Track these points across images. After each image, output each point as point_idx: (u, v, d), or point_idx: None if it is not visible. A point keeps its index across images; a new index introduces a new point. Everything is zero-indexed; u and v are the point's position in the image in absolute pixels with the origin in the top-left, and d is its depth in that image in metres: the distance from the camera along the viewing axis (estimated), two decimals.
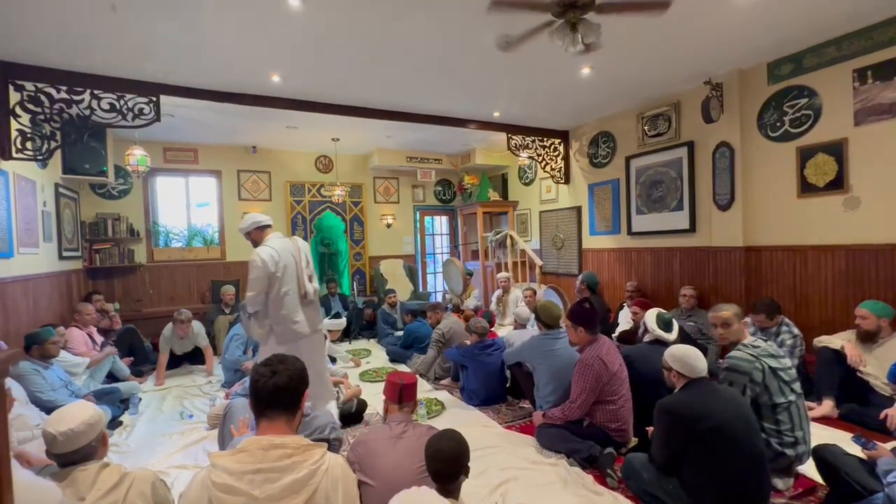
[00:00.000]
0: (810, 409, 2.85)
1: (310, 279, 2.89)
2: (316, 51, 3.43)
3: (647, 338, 2.86)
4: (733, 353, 2.28)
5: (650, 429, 2.28)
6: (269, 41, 3.26)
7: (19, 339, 3.35)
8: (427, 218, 8.58)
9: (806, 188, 3.72)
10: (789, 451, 2.11)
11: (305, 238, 6.89)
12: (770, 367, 2.16)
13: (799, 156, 3.74)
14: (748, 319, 3.26)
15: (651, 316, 2.82)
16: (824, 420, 2.95)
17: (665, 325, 2.77)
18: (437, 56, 3.63)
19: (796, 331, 3.38)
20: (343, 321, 4.16)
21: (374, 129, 5.73)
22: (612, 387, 2.56)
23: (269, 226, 2.92)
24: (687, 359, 1.98)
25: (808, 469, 2.19)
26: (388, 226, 7.79)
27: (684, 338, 3.22)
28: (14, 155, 3.46)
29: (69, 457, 1.39)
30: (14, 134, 3.46)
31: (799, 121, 3.74)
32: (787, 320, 3.45)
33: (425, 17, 3.00)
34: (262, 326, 2.82)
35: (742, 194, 4.11)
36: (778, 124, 3.89)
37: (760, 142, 4.02)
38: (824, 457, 1.97)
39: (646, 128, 5.04)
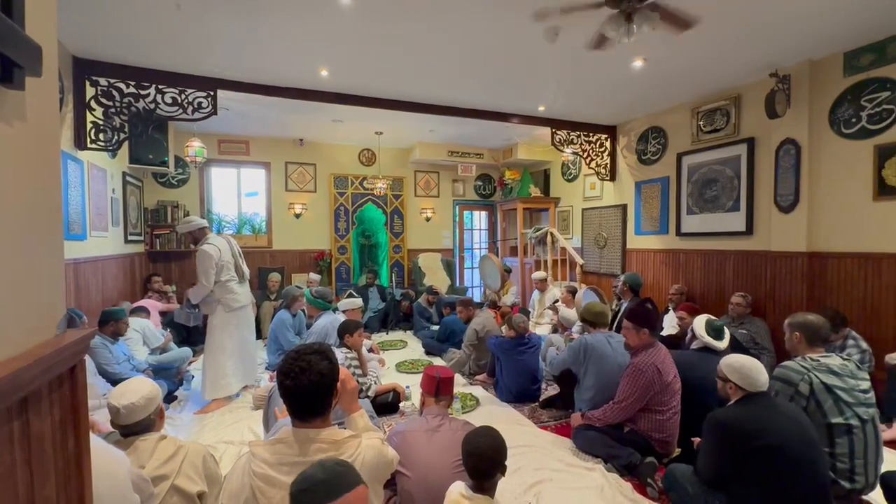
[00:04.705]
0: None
1: (244, 264, 3.75)
2: (363, 46, 3.48)
3: (694, 344, 2.72)
4: (787, 362, 2.15)
5: (696, 440, 2.17)
6: (321, 37, 3.34)
7: (90, 314, 3.65)
8: (466, 213, 8.56)
9: (884, 190, 3.39)
10: (843, 482, 1.92)
11: (347, 230, 7.11)
12: (823, 383, 1.99)
13: (877, 155, 3.41)
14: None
15: (700, 322, 2.67)
16: (895, 444, 2.72)
17: (715, 332, 2.62)
18: (483, 50, 3.58)
19: (865, 345, 3.11)
20: (359, 300, 4.25)
21: (416, 122, 5.76)
22: (663, 397, 2.45)
23: (207, 227, 3.68)
24: (747, 370, 1.84)
25: (877, 498, 2.01)
26: (428, 219, 7.84)
27: (735, 346, 3.04)
28: (89, 145, 3.76)
29: (131, 428, 1.50)
30: (89, 126, 3.75)
31: (879, 116, 3.41)
32: (854, 333, 3.18)
33: (472, 12, 2.96)
34: (206, 302, 3.54)
35: (808, 196, 3.81)
36: (854, 120, 3.56)
37: (832, 139, 3.70)
38: (893, 486, 1.80)
39: (701, 123, 4.77)
